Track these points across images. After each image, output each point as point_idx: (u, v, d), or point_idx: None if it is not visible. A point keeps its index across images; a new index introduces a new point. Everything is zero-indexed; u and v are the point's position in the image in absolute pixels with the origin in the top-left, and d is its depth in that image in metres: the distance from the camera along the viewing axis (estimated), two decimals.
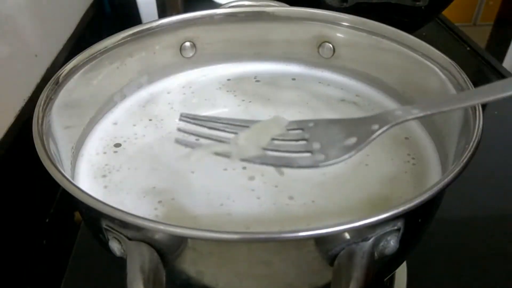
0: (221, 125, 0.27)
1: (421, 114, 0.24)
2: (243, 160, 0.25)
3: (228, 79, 0.38)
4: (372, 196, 0.27)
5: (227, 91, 0.37)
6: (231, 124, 0.27)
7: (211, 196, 0.27)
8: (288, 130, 0.26)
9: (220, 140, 0.27)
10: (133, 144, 0.32)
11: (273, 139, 0.26)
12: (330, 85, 0.37)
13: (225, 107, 0.35)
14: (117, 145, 0.31)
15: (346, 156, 0.24)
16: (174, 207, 0.27)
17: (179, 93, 0.37)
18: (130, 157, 0.31)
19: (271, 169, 0.27)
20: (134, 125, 0.33)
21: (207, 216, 0.26)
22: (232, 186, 0.28)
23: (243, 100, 0.36)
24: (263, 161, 0.25)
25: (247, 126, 0.27)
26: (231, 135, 0.27)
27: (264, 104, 0.35)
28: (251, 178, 0.28)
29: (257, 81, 0.38)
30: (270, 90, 0.37)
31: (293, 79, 0.38)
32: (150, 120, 0.34)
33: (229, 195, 0.27)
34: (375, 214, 0.19)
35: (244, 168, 0.29)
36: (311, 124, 0.26)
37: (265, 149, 0.25)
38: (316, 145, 0.25)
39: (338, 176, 0.28)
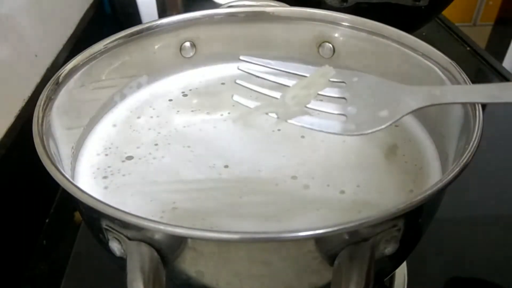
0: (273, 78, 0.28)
1: (460, 101, 0.24)
2: (288, 121, 0.26)
3: (229, 79, 0.38)
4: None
5: (228, 91, 0.37)
6: (283, 72, 0.28)
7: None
8: (333, 82, 0.26)
9: (271, 96, 0.27)
10: (140, 154, 0.31)
11: (317, 95, 0.26)
12: None
13: (225, 107, 0.35)
14: (129, 157, 0.30)
15: (374, 129, 0.24)
16: (184, 213, 0.26)
17: (179, 94, 0.37)
18: (136, 164, 0.30)
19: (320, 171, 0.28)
20: (135, 127, 0.33)
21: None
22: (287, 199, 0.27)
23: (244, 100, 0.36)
24: (304, 124, 0.26)
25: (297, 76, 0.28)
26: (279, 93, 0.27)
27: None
28: (306, 187, 0.28)
29: None
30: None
31: None
32: (151, 117, 0.34)
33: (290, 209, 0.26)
34: (375, 214, 0.19)
35: (295, 178, 0.28)
36: (355, 79, 0.26)
37: (307, 108, 0.26)
38: (352, 110, 0.25)
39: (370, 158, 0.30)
